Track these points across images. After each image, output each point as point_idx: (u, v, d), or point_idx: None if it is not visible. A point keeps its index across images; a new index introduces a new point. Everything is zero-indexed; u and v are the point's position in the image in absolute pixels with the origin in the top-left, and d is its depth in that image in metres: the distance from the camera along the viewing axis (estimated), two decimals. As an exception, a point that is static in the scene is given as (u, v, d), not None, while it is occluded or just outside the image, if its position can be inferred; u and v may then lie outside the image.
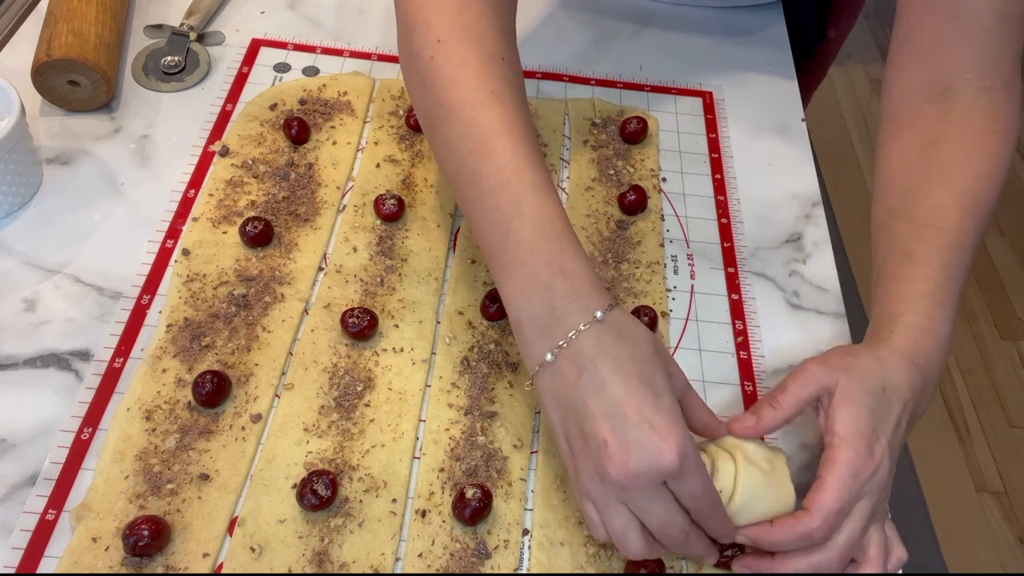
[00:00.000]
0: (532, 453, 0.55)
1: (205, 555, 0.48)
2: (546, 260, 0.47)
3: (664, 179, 0.73)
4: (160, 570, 0.47)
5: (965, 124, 0.57)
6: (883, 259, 0.56)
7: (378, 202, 0.65)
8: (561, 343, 0.46)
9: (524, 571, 0.50)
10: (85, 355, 0.56)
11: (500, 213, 0.49)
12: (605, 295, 0.47)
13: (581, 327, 0.45)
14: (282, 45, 0.80)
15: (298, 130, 0.69)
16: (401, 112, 0.74)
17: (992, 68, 0.57)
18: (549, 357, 0.46)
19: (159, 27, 0.78)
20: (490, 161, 0.50)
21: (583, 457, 0.45)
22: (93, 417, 0.53)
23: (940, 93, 0.58)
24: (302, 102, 0.73)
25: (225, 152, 0.68)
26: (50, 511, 0.49)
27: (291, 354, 0.58)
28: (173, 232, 0.64)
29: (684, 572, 0.51)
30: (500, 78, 0.52)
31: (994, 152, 0.56)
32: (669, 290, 0.65)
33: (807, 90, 0.91)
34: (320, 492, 0.49)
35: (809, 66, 0.92)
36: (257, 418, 0.54)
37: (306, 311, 0.60)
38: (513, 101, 0.52)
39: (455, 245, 0.66)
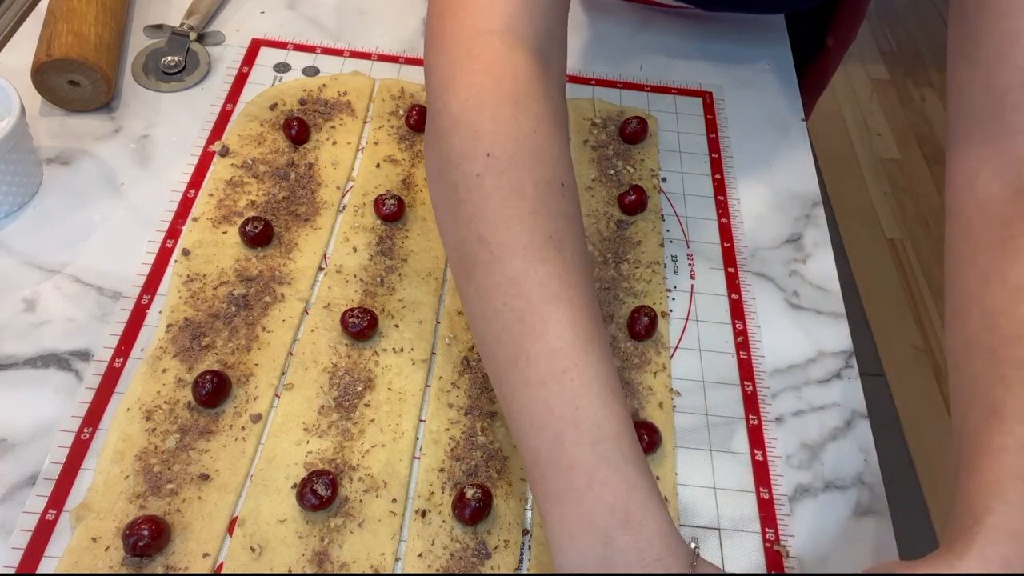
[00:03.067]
0: (532, 453, 0.55)
1: (205, 555, 0.48)
2: (609, 501, 0.36)
3: (664, 179, 0.73)
4: (160, 570, 0.47)
5: None
6: (964, 413, 0.41)
7: (378, 202, 0.65)
8: None
9: (524, 571, 0.50)
10: (85, 355, 0.56)
11: (551, 416, 0.38)
12: (679, 555, 0.36)
13: None
14: (282, 45, 0.80)
15: (298, 130, 0.69)
16: (401, 112, 0.74)
17: None
18: None
19: (159, 27, 0.78)
20: (543, 339, 0.39)
21: None
22: (93, 417, 0.53)
23: (1010, 167, 0.45)
24: (302, 102, 0.73)
25: (225, 152, 0.68)
26: (50, 511, 0.49)
27: (291, 354, 0.58)
28: (173, 232, 0.64)
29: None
30: (561, 215, 0.41)
31: None
32: (669, 290, 0.65)
33: (808, 99, 0.87)
34: (320, 492, 0.49)
35: (809, 75, 0.90)
36: (257, 418, 0.54)
37: (306, 311, 0.60)
38: (573, 249, 0.41)
39: (455, 245, 0.66)
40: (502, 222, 0.41)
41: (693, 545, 0.38)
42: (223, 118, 0.72)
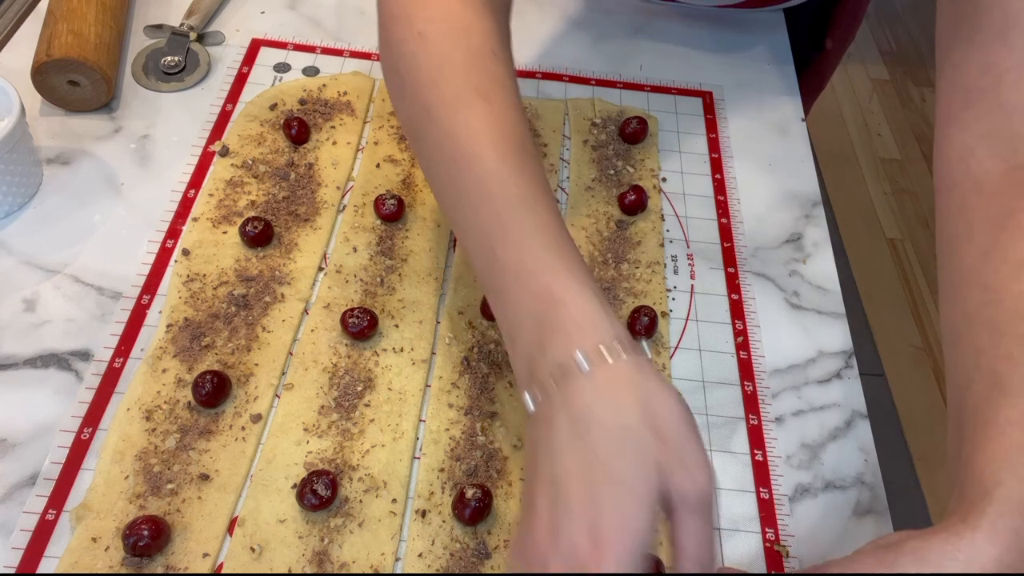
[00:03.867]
0: (532, 453, 0.55)
1: (205, 555, 0.48)
2: (532, 288, 0.40)
3: (664, 179, 0.73)
4: (160, 570, 0.47)
5: None
6: (965, 387, 0.41)
7: (378, 202, 0.65)
8: (540, 389, 0.38)
9: (524, 571, 0.50)
10: (85, 355, 0.56)
11: (484, 235, 0.43)
12: (605, 328, 0.39)
13: (562, 371, 0.37)
14: (282, 45, 0.80)
15: (298, 130, 0.69)
16: (401, 112, 0.74)
17: None
18: (531, 407, 0.39)
19: (159, 27, 0.78)
20: (471, 172, 0.44)
21: (523, 516, 0.38)
22: (93, 417, 0.53)
23: (1006, 143, 0.45)
24: (302, 102, 0.73)
25: (225, 152, 0.68)
26: (50, 511, 0.49)
27: (291, 354, 0.58)
28: (173, 232, 0.64)
29: (684, 572, 0.51)
30: (487, 74, 0.47)
31: None
32: (669, 290, 0.65)
33: (807, 100, 0.88)
34: (320, 492, 0.49)
35: (808, 76, 0.90)
36: (257, 418, 0.54)
37: (306, 311, 0.60)
38: (503, 100, 0.46)
39: (455, 245, 0.66)
40: (434, 84, 0.46)
41: (644, 343, 0.43)
42: (223, 118, 0.72)
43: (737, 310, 0.65)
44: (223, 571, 0.48)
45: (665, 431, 0.36)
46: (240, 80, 0.76)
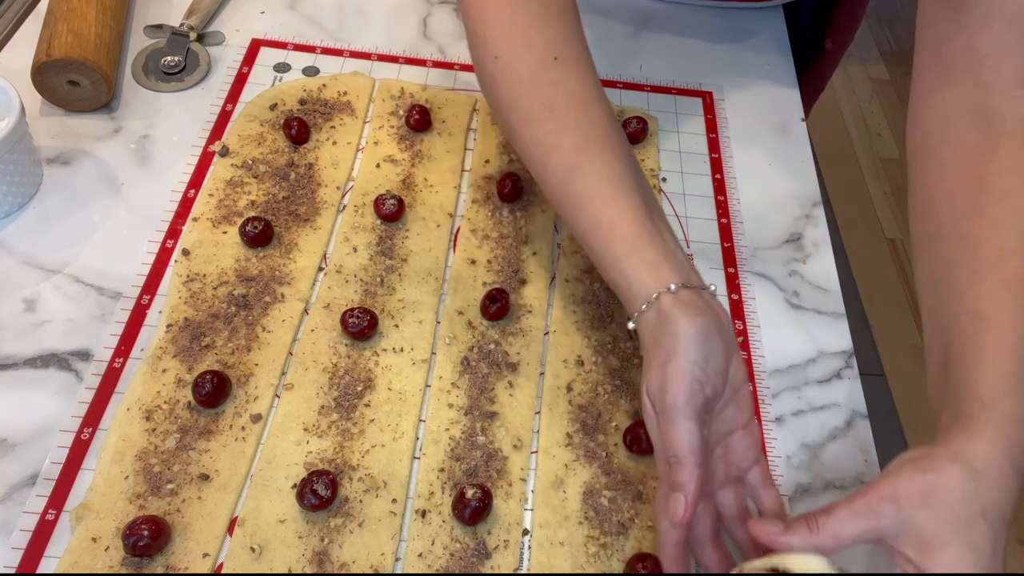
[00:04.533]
0: (532, 453, 0.55)
1: (205, 555, 0.48)
2: (642, 256, 0.50)
3: (664, 179, 0.73)
4: (160, 570, 0.47)
5: (1019, 152, 0.48)
6: (950, 323, 0.46)
7: (378, 202, 0.65)
8: (633, 315, 0.50)
9: (524, 571, 0.50)
10: (85, 355, 0.56)
11: (593, 231, 0.52)
12: (685, 274, 0.49)
13: (658, 295, 0.48)
14: (282, 45, 0.80)
15: (298, 130, 0.69)
16: (401, 112, 0.74)
17: None
18: (632, 325, 0.51)
19: (159, 27, 0.78)
20: (563, 182, 0.52)
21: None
22: (93, 417, 0.53)
23: (982, 118, 0.49)
24: (302, 102, 0.73)
25: (225, 152, 0.68)
26: (50, 511, 0.49)
27: (291, 354, 0.58)
28: (173, 232, 0.64)
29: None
30: (550, 84, 0.53)
31: None
32: (669, 290, 0.65)
33: (807, 101, 0.89)
34: (320, 492, 0.49)
35: (807, 77, 0.90)
36: (257, 418, 0.54)
37: (306, 311, 0.60)
38: (567, 106, 0.53)
39: (455, 245, 0.66)
40: (511, 105, 0.54)
41: (712, 288, 0.51)
42: (223, 118, 0.72)
43: (737, 310, 0.65)
44: (223, 571, 0.48)
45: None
46: (240, 80, 0.76)
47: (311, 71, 0.77)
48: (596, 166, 0.52)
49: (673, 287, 0.48)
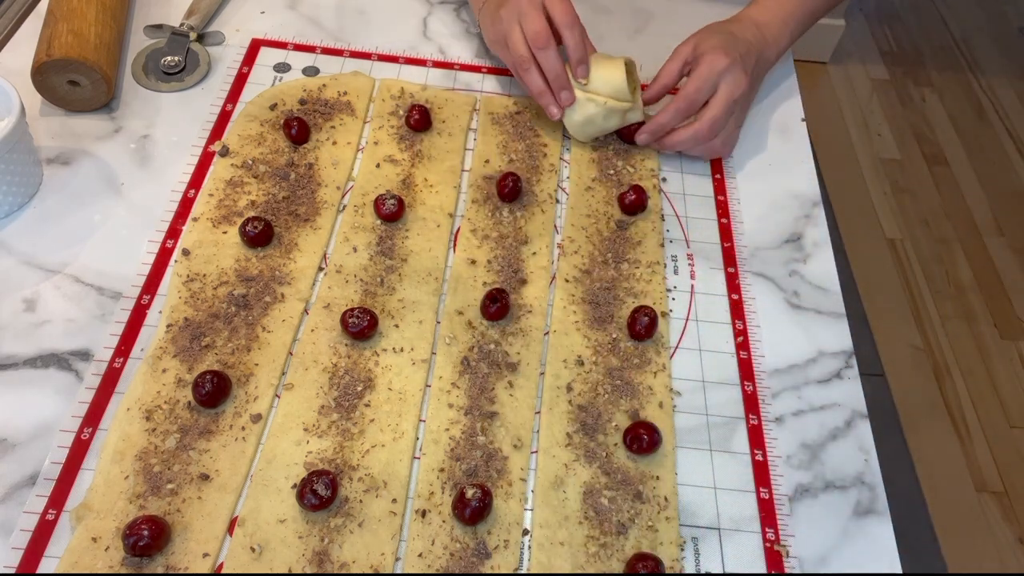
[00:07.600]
0: (532, 453, 0.55)
1: (205, 555, 0.48)
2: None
3: (664, 179, 0.73)
4: (160, 570, 0.47)
5: None
6: None
7: (378, 202, 0.65)
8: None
9: (524, 571, 0.50)
10: (85, 355, 0.56)
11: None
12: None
13: None
14: (282, 45, 0.80)
15: (298, 130, 0.69)
16: (401, 112, 0.74)
17: None
18: None
19: (159, 27, 0.78)
20: None
21: None
22: (93, 417, 0.53)
23: None
24: (302, 102, 0.73)
25: (225, 152, 0.68)
26: (50, 511, 0.49)
27: (291, 354, 0.58)
28: (173, 232, 0.64)
29: (683, 572, 0.51)
30: None
31: None
32: (669, 290, 0.65)
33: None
34: (320, 492, 0.49)
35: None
36: (257, 418, 0.54)
37: (306, 311, 0.60)
38: None
39: (455, 245, 0.66)
40: None
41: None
42: (223, 118, 0.72)
43: (737, 310, 0.65)
44: (223, 571, 0.48)
45: None
46: (240, 80, 0.76)
47: (311, 71, 0.77)
48: None
49: None
